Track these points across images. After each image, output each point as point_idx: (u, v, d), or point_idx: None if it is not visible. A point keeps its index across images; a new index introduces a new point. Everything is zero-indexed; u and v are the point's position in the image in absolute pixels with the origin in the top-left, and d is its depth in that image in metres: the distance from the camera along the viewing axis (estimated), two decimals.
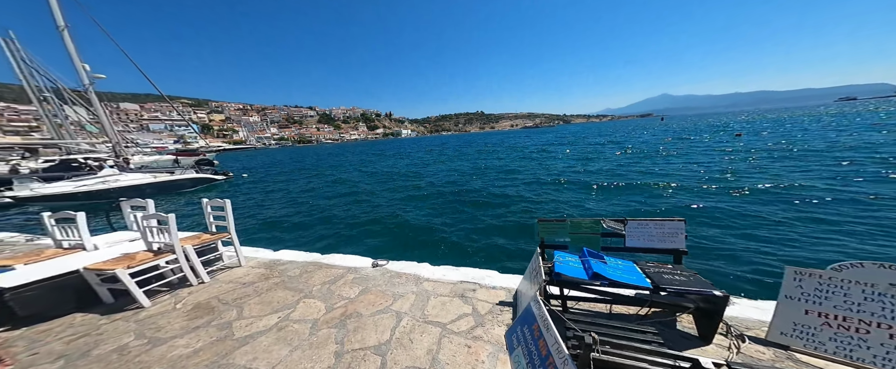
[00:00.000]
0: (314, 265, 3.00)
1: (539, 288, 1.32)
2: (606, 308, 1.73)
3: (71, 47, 13.94)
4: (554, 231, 1.85)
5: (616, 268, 1.51)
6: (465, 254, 4.91)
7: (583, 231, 1.78)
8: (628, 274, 1.46)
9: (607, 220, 1.76)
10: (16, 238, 4.55)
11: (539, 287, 1.33)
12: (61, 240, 2.76)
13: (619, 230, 1.73)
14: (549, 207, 7.14)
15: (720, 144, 17.88)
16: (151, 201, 3.11)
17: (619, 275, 1.43)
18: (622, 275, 1.43)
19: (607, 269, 1.46)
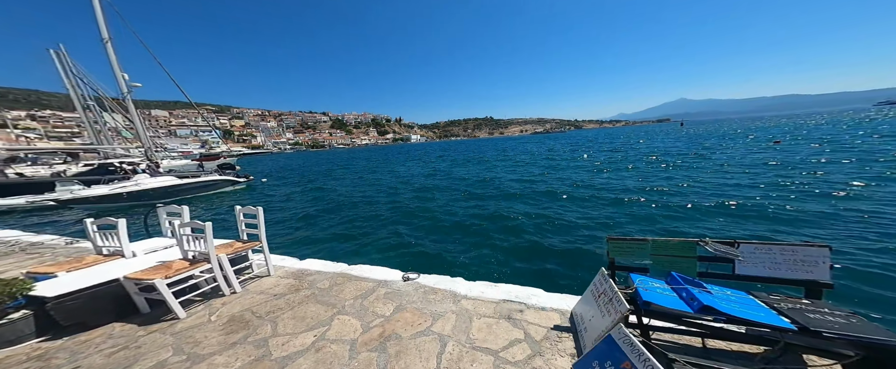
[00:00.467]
0: (343, 277, 2.91)
1: (620, 317, 1.13)
2: (699, 342, 1.46)
3: (113, 58, 14.95)
4: (630, 251, 1.60)
5: (728, 299, 1.25)
6: (498, 266, 4.66)
7: (670, 253, 1.51)
8: (751, 309, 1.19)
9: (709, 241, 1.49)
10: (56, 241, 4.75)
11: (620, 316, 1.14)
12: (102, 246, 2.80)
13: (728, 254, 1.41)
14: (594, 226, 6.02)
15: (761, 152, 16.20)
16: (187, 208, 3.13)
17: (738, 309, 1.17)
18: (743, 310, 1.17)
19: (719, 301, 1.21)
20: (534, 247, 5.23)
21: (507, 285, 2.45)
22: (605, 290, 1.33)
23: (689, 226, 5.69)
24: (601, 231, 5.74)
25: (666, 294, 1.33)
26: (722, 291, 1.33)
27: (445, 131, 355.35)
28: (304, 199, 12.95)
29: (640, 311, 1.28)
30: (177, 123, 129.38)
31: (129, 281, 2.24)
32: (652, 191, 8.89)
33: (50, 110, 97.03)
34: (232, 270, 2.66)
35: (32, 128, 66.99)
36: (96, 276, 2.26)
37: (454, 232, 6.51)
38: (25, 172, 17.61)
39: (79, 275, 2.32)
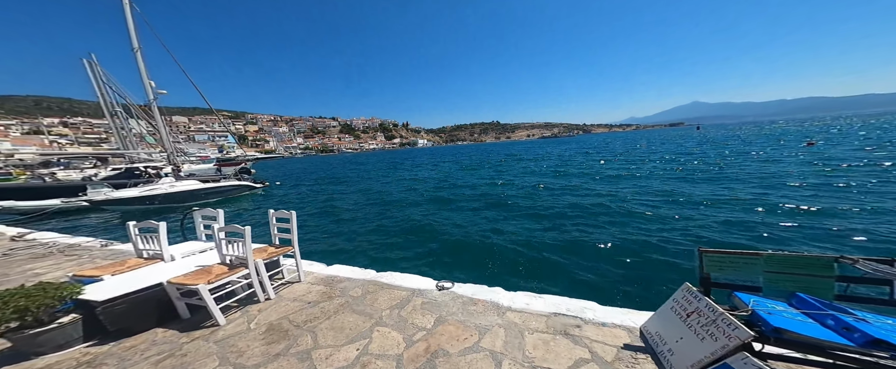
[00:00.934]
0: (374, 284, 2.84)
1: (737, 344, 0.98)
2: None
3: (141, 66, 15.75)
4: (734, 266, 1.36)
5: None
6: (530, 276, 4.51)
7: (795, 271, 1.27)
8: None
9: (860, 259, 1.22)
10: (92, 242, 4.90)
11: (737, 343, 0.99)
12: (142, 249, 2.84)
13: (883, 273, 1.15)
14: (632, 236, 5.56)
15: (794, 155, 15.18)
16: (222, 211, 3.16)
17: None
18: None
19: (892, 334, 0.96)
20: (577, 255, 5.03)
21: (552, 297, 2.33)
22: (699, 309, 1.18)
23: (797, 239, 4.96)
24: (677, 241, 5.19)
25: (799, 319, 1.10)
26: (880, 320, 1.07)
27: (452, 136, 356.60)
28: (318, 203, 13.11)
29: (767, 339, 1.07)
30: (195, 129, 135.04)
31: (172, 285, 2.24)
32: (699, 198, 8.13)
33: (81, 117, 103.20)
34: (267, 276, 2.65)
35: (64, 135, 71.31)
36: (141, 280, 2.27)
37: (475, 238, 6.37)
38: (58, 176, 18.61)
39: (123, 278, 2.35)
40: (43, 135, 57.49)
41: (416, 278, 2.95)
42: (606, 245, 5.33)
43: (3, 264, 4.00)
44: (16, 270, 3.73)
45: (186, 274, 2.34)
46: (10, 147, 42.13)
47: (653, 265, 4.49)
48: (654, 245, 5.13)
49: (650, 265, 4.50)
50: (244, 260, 2.49)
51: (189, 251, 2.98)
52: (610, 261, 4.71)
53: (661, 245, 5.10)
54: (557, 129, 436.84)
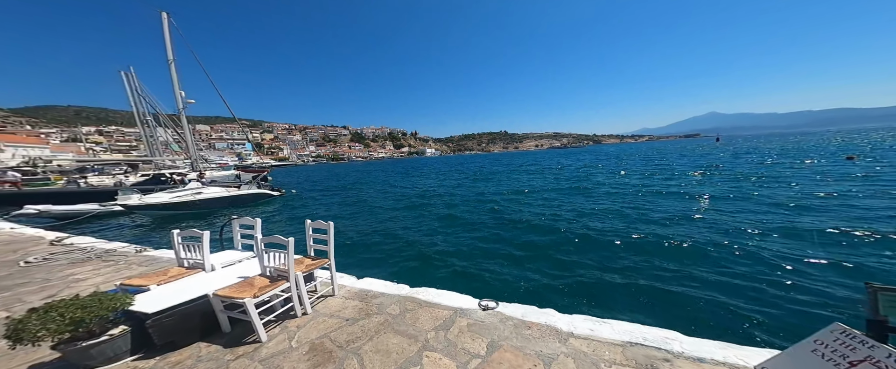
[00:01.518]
0: (411, 301, 2.73)
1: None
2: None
3: (174, 77, 16.75)
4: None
5: None
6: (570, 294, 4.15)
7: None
8: None
9: None
10: (127, 248, 5.03)
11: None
12: (184, 258, 2.85)
13: None
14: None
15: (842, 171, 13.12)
16: (259, 220, 3.16)
17: None
18: None
19: None
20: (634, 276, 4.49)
21: (621, 322, 2.13)
22: (876, 360, 0.97)
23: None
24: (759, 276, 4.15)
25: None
26: None
27: (459, 145, 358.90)
28: (335, 211, 13.22)
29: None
30: (216, 137, 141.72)
31: (216, 298, 2.20)
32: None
33: (114, 126, 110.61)
34: (305, 290, 2.58)
35: (99, 142, 76.37)
36: (186, 292, 2.25)
37: (501, 252, 6.12)
38: (92, 181, 19.71)
39: (169, 289, 2.33)
40: (80, 142, 61.67)
41: (454, 295, 2.82)
42: (669, 266, 4.72)
43: (44, 269, 4.12)
44: (57, 276, 3.83)
45: (231, 286, 2.30)
46: (50, 153, 45.34)
47: (730, 289, 3.92)
48: (729, 271, 4.45)
49: (727, 289, 3.93)
50: (285, 272, 2.44)
51: (228, 261, 2.97)
52: (675, 284, 4.17)
53: (734, 271, 4.42)
54: (567, 140, 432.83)
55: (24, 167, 26.92)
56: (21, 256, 4.82)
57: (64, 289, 3.34)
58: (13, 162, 35.66)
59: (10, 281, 3.68)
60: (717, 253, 5.13)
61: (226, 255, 3.08)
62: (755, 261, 4.72)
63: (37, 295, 3.20)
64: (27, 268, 4.21)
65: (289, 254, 2.37)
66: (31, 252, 5.04)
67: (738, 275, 4.33)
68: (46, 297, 3.13)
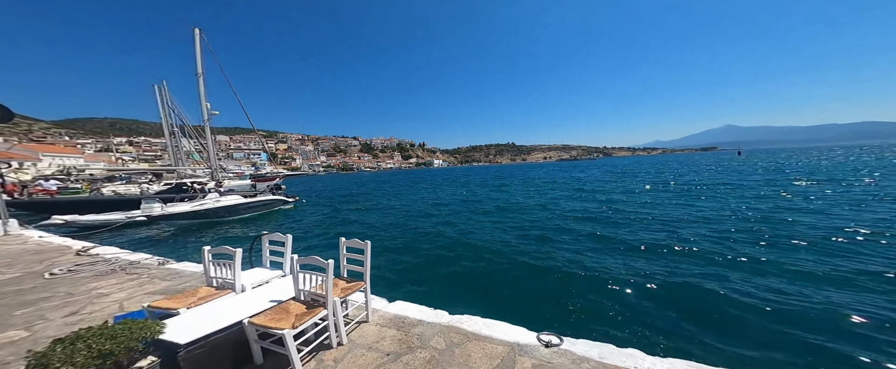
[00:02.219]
0: (456, 333, 2.41)
1: None
2: None
3: (202, 89, 17.62)
4: None
5: None
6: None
7: None
8: None
9: None
10: (149, 260, 4.94)
11: None
12: (213, 277, 2.67)
13: None
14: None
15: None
16: (290, 237, 2.98)
17: None
18: None
19: None
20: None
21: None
22: None
23: None
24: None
25: None
26: None
27: (467, 157, 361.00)
28: (349, 221, 13.10)
29: None
30: (234, 147, 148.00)
31: (252, 327, 1.97)
32: None
33: (143, 137, 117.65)
34: (342, 317, 2.32)
35: (128, 152, 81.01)
36: (219, 317, 2.04)
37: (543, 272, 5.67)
38: (119, 190, 20.53)
39: (200, 313, 2.13)
40: (112, 152, 65.57)
41: (505, 326, 2.49)
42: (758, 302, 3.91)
43: (68, 282, 4.04)
44: (80, 289, 3.72)
45: (266, 313, 2.07)
46: (83, 163, 48.24)
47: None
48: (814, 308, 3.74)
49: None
50: (322, 297, 2.21)
51: (257, 280, 2.76)
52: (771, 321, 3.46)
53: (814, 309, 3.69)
54: (576, 152, 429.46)
55: (59, 176, 28.54)
56: (46, 267, 4.80)
57: (86, 305, 3.20)
58: (49, 170, 38.00)
59: (33, 294, 3.59)
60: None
61: (255, 274, 2.89)
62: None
63: (59, 311, 3.07)
64: (51, 280, 4.14)
65: (328, 278, 2.14)
66: (57, 262, 5.03)
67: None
68: (68, 314, 2.99)
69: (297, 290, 2.30)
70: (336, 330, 2.28)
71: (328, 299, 2.16)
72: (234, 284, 2.55)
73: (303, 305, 2.20)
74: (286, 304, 2.21)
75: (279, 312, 2.09)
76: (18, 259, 5.31)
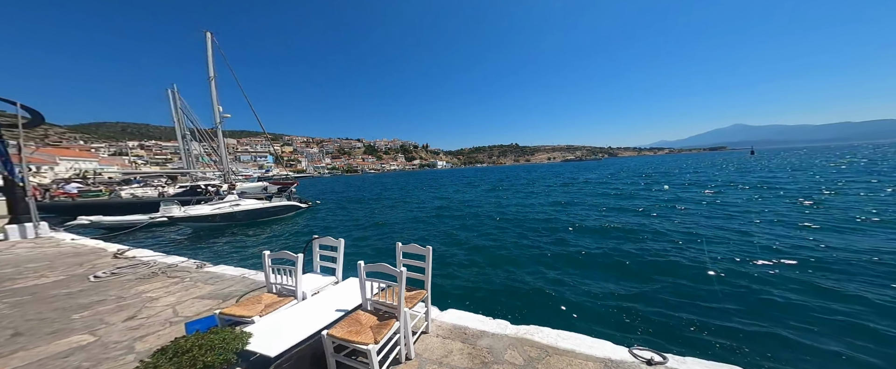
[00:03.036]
0: (530, 345, 2.33)
1: None
2: None
3: (214, 93, 17.90)
4: None
5: None
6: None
7: None
8: None
9: None
10: (187, 263, 4.99)
11: None
12: (274, 283, 2.66)
13: None
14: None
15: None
16: (343, 241, 2.96)
17: None
18: None
19: None
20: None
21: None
22: None
23: None
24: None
25: None
26: None
27: (470, 158, 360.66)
28: (367, 223, 13.11)
29: None
30: (241, 150, 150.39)
31: (329, 339, 1.94)
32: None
33: (154, 140, 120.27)
34: (411, 329, 2.28)
35: (140, 156, 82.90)
36: (293, 326, 2.01)
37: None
38: (137, 192, 20.96)
39: (272, 322, 2.11)
40: (126, 156, 67.12)
41: (585, 339, 2.37)
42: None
43: (114, 285, 4.09)
44: (129, 293, 3.75)
45: (341, 325, 2.04)
46: (98, 166, 49.49)
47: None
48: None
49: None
50: (392, 308, 2.17)
51: (313, 287, 2.74)
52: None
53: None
54: (581, 152, 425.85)
55: (76, 179, 29.25)
56: (88, 270, 4.87)
57: (141, 309, 3.22)
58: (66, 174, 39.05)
59: (85, 297, 3.64)
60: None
61: (308, 281, 2.87)
62: None
63: (117, 315, 3.10)
64: (97, 283, 4.20)
65: (400, 287, 2.10)
66: (97, 265, 5.11)
67: None
68: (127, 318, 3.01)
69: (365, 300, 2.27)
70: (405, 343, 2.24)
71: (400, 310, 2.12)
72: (296, 291, 2.53)
73: (373, 316, 2.17)
74: (356, 315, 2.17)
75: (353, 324, 2.05)
76: (58, 261, 5.41)
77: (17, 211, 8.12)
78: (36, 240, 7.73)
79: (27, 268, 5.07)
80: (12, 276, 4.57)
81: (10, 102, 7.86)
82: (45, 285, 4.13)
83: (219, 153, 21.16)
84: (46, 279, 4.42)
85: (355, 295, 2.52)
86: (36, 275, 4.64)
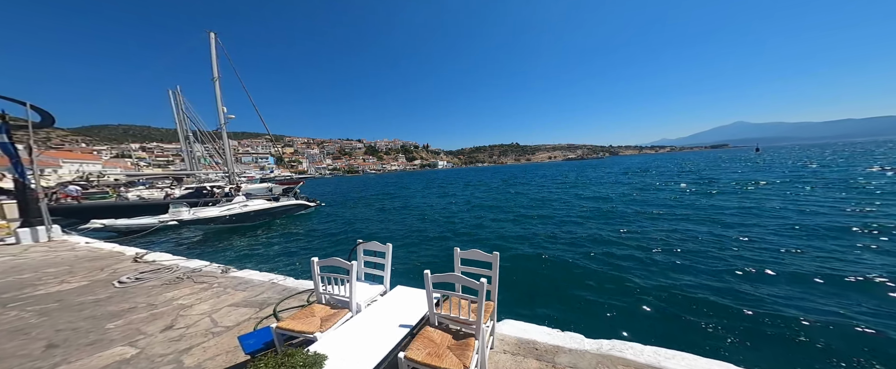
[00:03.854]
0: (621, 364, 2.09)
1: None
2: None
3: (218, 94, 17.75)
4: None
5: None
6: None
7: None
8: None
9: None
10: (210, 268, 4.82)
11: None
12: (323, 293, 2.48)
13: None
14: None
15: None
16: (390, 246, 2.78)
17: None
18: None
19: None
20: None
21: None
22: None
23: None
24: None
25: None
26: None
27: (471, 157, 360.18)
28: (377, 223, 12.94)
29: None
30: (242, 151, 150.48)
31: (406, 362, 1.76)
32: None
33: (155, 142, 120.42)
34: None
35: (142, 158, 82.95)
36: (364, 347, 1.83)
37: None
38: (144, 194, 20.83)
39: (339, 340, 1.93)
40: (128, 158, 67.12)
41: (690, 358, 2.09)
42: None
43: (141, 291, 3.93)
44: (159, 300, 3.59)
45: (416, 345, 1.84)
46: (102, 169, 49.50)
47: None
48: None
49: None
50: (466, 324, 1.98)
51: (366, 298, 2.56)
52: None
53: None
54: (582, 151, 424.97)
55: (80, 181, 29.15)
56: (110, 275, 4.72)
57: (176, 318, 3.05)
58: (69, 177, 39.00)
59: (114, 305, 3.47)
60: None
61: (364, 290, 2.69)
62: None
63: (152, 325, 2.93)
64: (123, 288, 4.04)
65: (480, 302, 1.90)
66: (119, 270, 4.95)
67: None
68: (164, 328, 2.84)
69: (432, 314, 2.09)
70: (482, 364, 2.05)
71: (479, 328, 1.93)
72: (350, 303, 2.36)
73: (446, 334, 1.98)
74: (427, 333, 1.99)
75: (428, 344, 1.87)
76: (77, 266, 5.26)
77: (29, 214, 7.98)
78: (49, 243, 7.59)
79: (46, 273, 4.92)
80: (33, 282, 4.42)
81: (21, 103, 7.71)
82: (70, 291, 3.97)
83: (223, 154, 21.03)
84: (69, 284, 4.26)
85: (408, 306, 2.34)
86: (57, 280, 4.48)
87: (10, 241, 7.56)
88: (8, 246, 7.25)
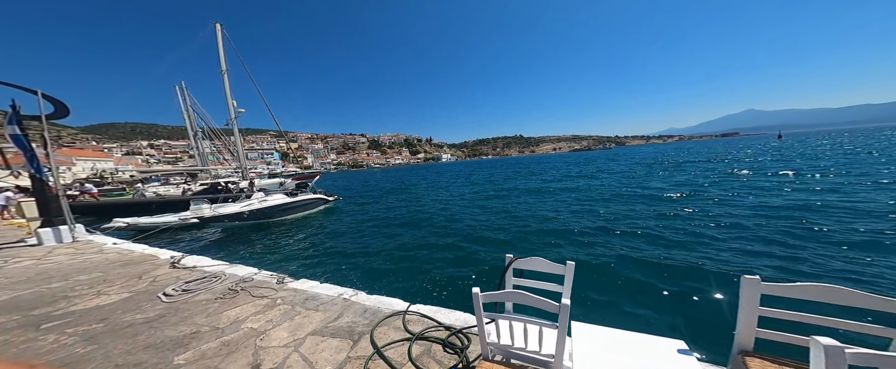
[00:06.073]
0: None
1: None
2: None
3: (227, 87, 17.09)
4: None
5: None
6: None
7: None
8: None
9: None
10: (261, 276, 4.18)
11: None
12: (497, 345, 1.77)
13: None
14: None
15: None
16: (572, 264, 2.04)
17: None
18: None
19: None
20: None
21: None
22: None
23: None
24: None
25: None
26: None
27: (474, 150, 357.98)
28: (398, 221, 12.31)
29: None
30: (248, 148, 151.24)
31: None
32: None
33: (163, 139, 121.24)
34: None
35: (151, 155, 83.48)
36: None
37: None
38: (159, 191, 20.51)
39: None
40: (139, 155, 67.56)
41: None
42: None
43: (194, 307, 3.29)
44: (222, 322, 2.93)
45: None
46: (113, 166, 49.75)
47: None
48: None
49: None
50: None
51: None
52: None
53: None
54: (587, 142, 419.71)
55: (94, 179, 29.05)
56: (149, 284, 4.12)
57: (256, 351, 2.37)
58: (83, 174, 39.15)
59: (170, 327, 2.84)
60: None
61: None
62: None
63: (231, 360, 2.26)
64: (172, 303, 3.42)
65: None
66: (158, 278, 4.36)
67: None
68: (249, 365, 2.19)
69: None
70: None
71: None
72: (552, 365, 1.39)
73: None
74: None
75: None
76: (111, 272, 4.68)
77: (50, 212, 7.46)
78: (73, 244, 7.09)
79: (78, 281, 4.34)
80: (66, 294, 3.83)
81: (32, 91, 7.08)
82: (112, 307, 3.36)
83: (235, 149, 20.51)
84: (108, 297, 3.66)
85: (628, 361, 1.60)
86: (93, 291, 3.89)
87: (31, 242, 7.07)
88: (30, 247, 6.76)
